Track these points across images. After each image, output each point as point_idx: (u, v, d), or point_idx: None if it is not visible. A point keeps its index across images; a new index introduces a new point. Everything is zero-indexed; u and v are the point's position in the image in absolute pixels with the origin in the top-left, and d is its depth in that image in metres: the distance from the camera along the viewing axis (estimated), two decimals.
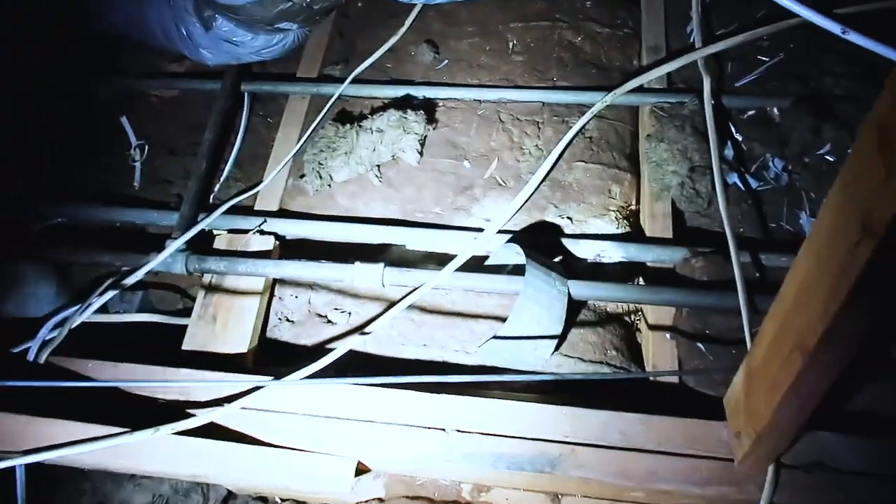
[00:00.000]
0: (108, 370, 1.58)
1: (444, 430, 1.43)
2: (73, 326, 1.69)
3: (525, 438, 1.40)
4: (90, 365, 1.59)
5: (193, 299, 1.84)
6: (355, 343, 1.58)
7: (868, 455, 1.33)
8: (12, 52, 2.13)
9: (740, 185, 1.85)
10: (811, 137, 1.84)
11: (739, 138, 1.91)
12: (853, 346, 1.01)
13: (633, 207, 1.88)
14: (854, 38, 1.90)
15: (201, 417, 1.42)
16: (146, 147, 2.14)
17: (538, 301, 1.55)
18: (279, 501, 1.63)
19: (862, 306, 0.93)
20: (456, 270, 1.64)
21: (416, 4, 2.23)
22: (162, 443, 1.40)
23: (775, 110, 1.92)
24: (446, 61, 2.16)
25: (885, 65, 1.89)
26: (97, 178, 2.12)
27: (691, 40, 2.09)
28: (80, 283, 1.91)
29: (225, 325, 1.71)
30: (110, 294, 1.74)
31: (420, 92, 2.06)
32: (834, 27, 1.91)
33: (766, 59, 2.01)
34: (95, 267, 1.89)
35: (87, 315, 1.71)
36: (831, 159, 1.82)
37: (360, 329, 1.68)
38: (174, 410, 1.48)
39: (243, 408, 1.47)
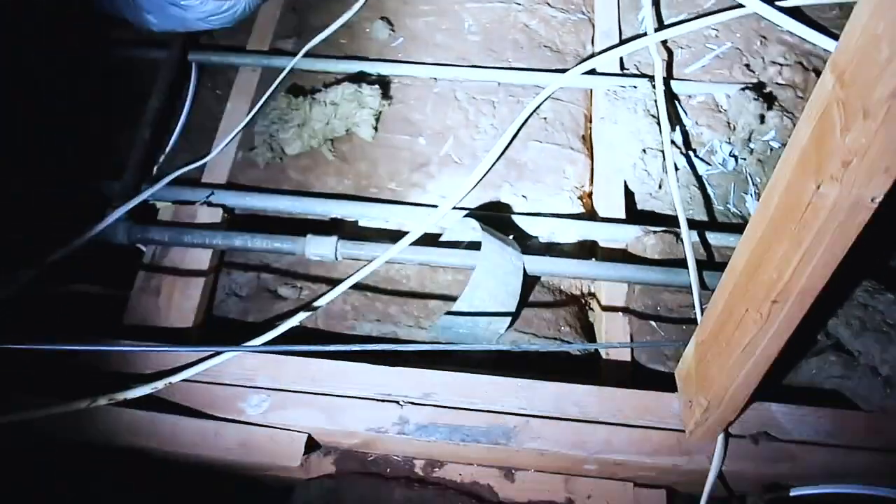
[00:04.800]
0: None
1: (397, 402, 1.41)
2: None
3: (480, 411, 1.39)
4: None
5: (135, 274, 1.75)
6: (306, 316, 1.54)
7: (810, 424, 1.37)
8: None
9: (689, 168, 1.88)
10: (756, 124, 1.89)
11: (689, 123, 1.95)
12: (808, 306, 1.03)
13: (586, 189, 1.89)
14: (796, 28, 1.98)
15: (142, 388, 1.36)
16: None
17: (494, 275, 1.54)
18: None
19: (817, 263, 0.96)
20: (410, 245, 1.62)
21: None
22: (100, 414, 1.33)
23: (723, 97, 1.97)
24: (402, 39, 2.13)
25: (825, 55, 1.97)
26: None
27: (643, 27, 2.12)
28: (8, 255, 1.79)
29: (169, 299, 1.64)
30: (43, 266, 1.64)
31: (375, 68, 2.03)
32: (779, 18, 1.99)
33: (715, 48, 2.06)
34: (27, 238, 1.78)
35: (17, 289, 1.61)
36: (775, 145, 1.88)
37: (311, 303, 1.63)
38: (114, 382, 1.41)
39: (187, 380, 1.41)
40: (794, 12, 2.02)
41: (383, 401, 1.41)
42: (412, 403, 1.40)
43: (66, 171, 1.93)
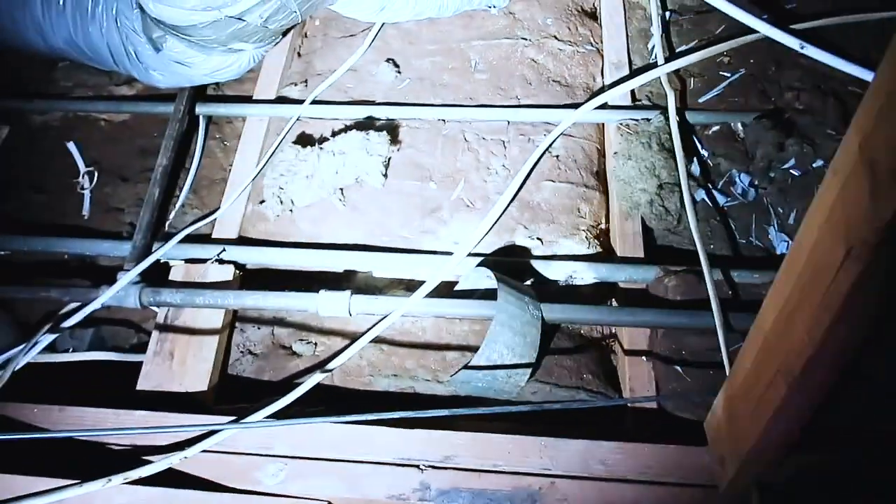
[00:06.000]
0: (55, 415, 1.47)
1: (418, 466, 1.37)
2: (17, 368, 1.58)
3: (503, 472, 1.35)
4: (35, 410, 1.48)
5: (148, 334, 1.74)
6: (321, 378, 1.51)
7: (851, 473, 1.30)
8: None
9: (708, 201, 1.83)
10: (775, 152, 1.84)
11: (705, 154, 1.90)
12: (840, 368, 0.98)
13: (602, 226, 1.85)
14: (812, 52, 1.93)
15: (157, 464, 1.33)
16: (95, 174, 2.03)
17: (512, 327, 1.50)
18: None
19: (849, 329, 0.91)
20: (425, 296, 1.59)
21: (375, 23, 2.19)
22: (115, 493, 1.31)
23: (739, 125, 1.92)
24: (408, 80, 2.11)
25: (843, 78, 1.92)
26: (41, 207, 2.00)
27: (653, 57, 2.08)
28: (24, 321, 1.79)
29: (183, 362, 1.61)
30: (58, 332, 1.63)
31: (382, 112, 2.01)
32: (793, 42, 1.94)
33: (728, 75, 2.01)
34: (42, 303, 1.78)
35: (33, 355, 1.61)
36: (796, 174, 1.83)
37: (326, 361, 1.60)
38: (128, 457, 1.38)
39: (204, 451, 1.38)
40: (809, 35, 1.97)
41: (403, 465, 1.37)
42: (433, 467, 1.36)
43: (81, 231, 1.94)
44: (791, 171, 1.83)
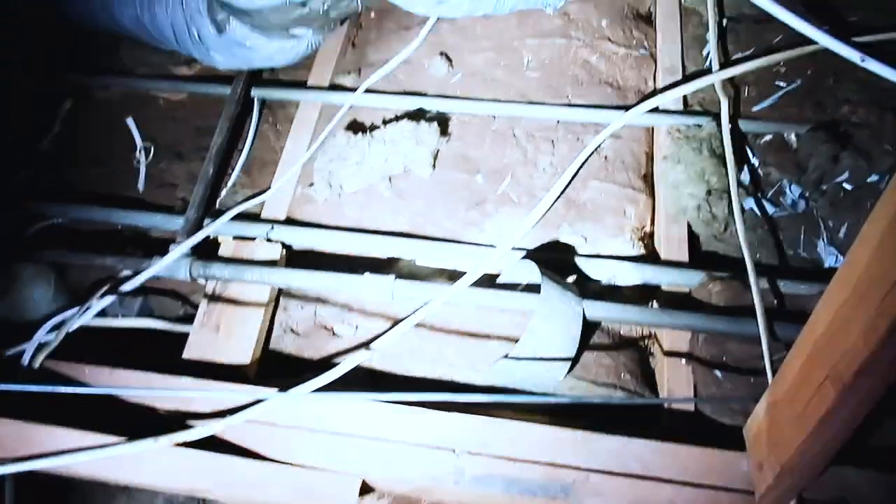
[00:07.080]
0: (105, 376, 1.52)
1: (453, 450, 1.38)
2: (70, 330, 1.64)
3: (538, 463, 1.36)
4: (87, 370, 1.53)
5: (194, 306, 1.78)
6: (364, 358, 1.54)
7: (893, 493, 1.29)
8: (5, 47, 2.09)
9: (756, 210, 1.82)
10: (829, 165, 1.82)
11: (756, 163, 1.89)
12: (892, 377, 0.98)
13: (647, 229, 1.85)
14: (873, 66, 1.89)
15: (203, 429, 1.37)
16: (152, 149, 2.09)
17: (553, 320, 1.51)
18: None
19: None
20: (468, 286, 1.60)
21: (430, 17, 2.21)
22: (161, 454, 1.35)
23: (792, 136, 1.90)
24: (460, 75, 2.13)
25: None
26: (98, 178, 2.07)
27: (707, 63, 2.07)
28: (78, 286, 1.85)
29: (229, 334, 1.65)
30: (110, 298, 1.69)
31: (433, 105, 2.03)
32: (853, 55, 1.91)
33: (784, 85, 1.99)
34: (95, 270, 1.84)
35: (86, 319, 1.66)
36: (849, 188, 1.80)
37: (366, 343, 1.63)
38: (174, 421, 1.42)
39: (247, 420, 1.42)
40: (870, 48, 1.94)
41: (439, 448, 1.39)
42: (468, 452, 1.38)
43: (135, 203, 2.00)
44: (844, 184, 1.81)
